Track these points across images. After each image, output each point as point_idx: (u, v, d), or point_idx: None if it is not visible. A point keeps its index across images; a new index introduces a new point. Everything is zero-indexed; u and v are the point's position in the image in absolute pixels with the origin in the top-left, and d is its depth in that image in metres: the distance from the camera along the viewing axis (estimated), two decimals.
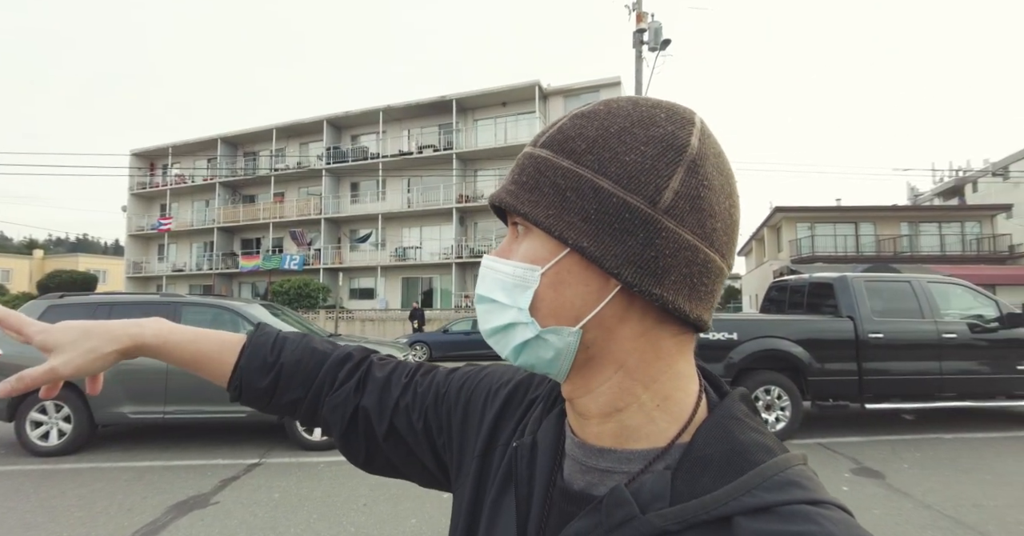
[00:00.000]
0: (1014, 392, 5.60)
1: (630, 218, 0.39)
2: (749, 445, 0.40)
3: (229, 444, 5.43)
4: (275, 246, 28.88)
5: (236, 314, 5.58)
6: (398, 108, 26.71)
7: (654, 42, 17.25)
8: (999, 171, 26.15)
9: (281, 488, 4.15)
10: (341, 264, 26.73)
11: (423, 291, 25.93)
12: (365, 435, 0.63)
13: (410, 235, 26.88)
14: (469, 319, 15.99)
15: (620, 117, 0.42)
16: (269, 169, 29.01)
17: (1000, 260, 23.48)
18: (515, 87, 24.42)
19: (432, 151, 25.74)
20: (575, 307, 0.41)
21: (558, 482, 0.47)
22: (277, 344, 0.66)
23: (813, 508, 0.36)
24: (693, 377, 0.45)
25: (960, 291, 5.93)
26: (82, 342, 0.58)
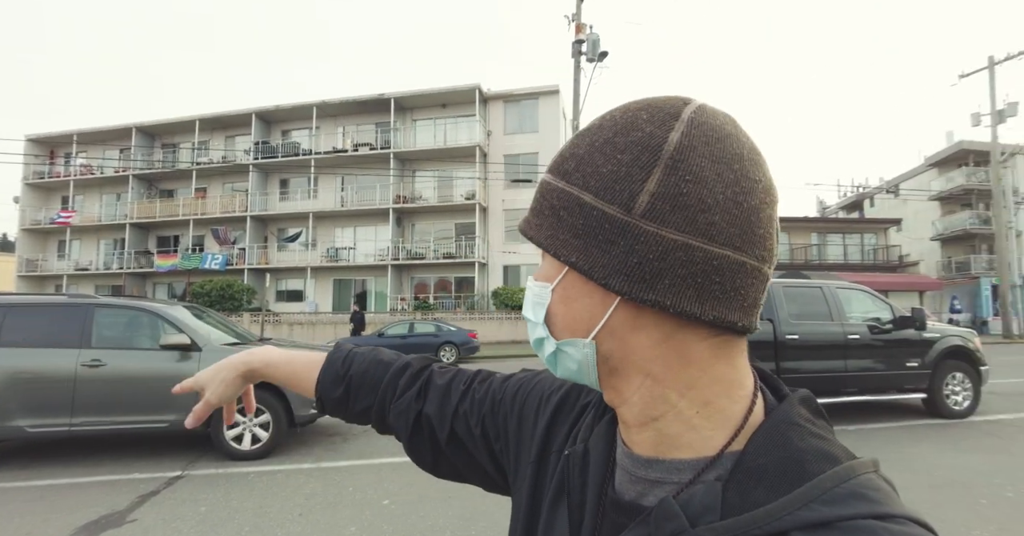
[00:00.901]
0: (904, 386, 6.25)
1: (610, 228, 0.39)
2: (808, 453, 0.38)
3: (147, 457, 5.05)
4: (195, 244, 27.06)
5: (157, 316, 5.20)
6: (333, 104, 25.87)
7: (592, 53, 17.83)
8: (891, 189, 29.05)
9: (208, 501, 3.91)
10: (268, 264, 25.46)
11: (356, 293, 25.20)
12: (430, 440, 0.67)
13: (343, 235, 26.06)
14: (405, 322, 15.74)
15: (606, 128, 0.42)
16: (191, 162, 27.20)
17: (892, 268, 26.09)
18: (456, 89, 24.34)
19: (369, 149, 25.12)
20: (584, 319, 0.42)
21: (609, 492, 0.46)
22: (348, 358, 0.73)
23: (879, 523, 0.32)
24: (740, 381, 0.42)
25: (861, 296, 6.54)
26: (216, 376, 0.74)
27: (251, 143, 26.41)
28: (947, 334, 6.47)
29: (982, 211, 26.82)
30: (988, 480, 4.24)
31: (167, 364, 4.91)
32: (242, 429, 4.97)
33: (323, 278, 25.46)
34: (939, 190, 28.69)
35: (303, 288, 25.42)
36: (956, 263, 27.63)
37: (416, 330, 15.05)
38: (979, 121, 22.49)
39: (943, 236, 28.42)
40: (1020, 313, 22.40)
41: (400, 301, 23.65)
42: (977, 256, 26.75)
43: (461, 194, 24.35)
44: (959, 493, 3.96)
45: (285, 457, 5.04)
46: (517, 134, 24.74)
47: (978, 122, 22.55)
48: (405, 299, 23.92)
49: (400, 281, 24.61)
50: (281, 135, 27.68)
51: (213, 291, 20.58)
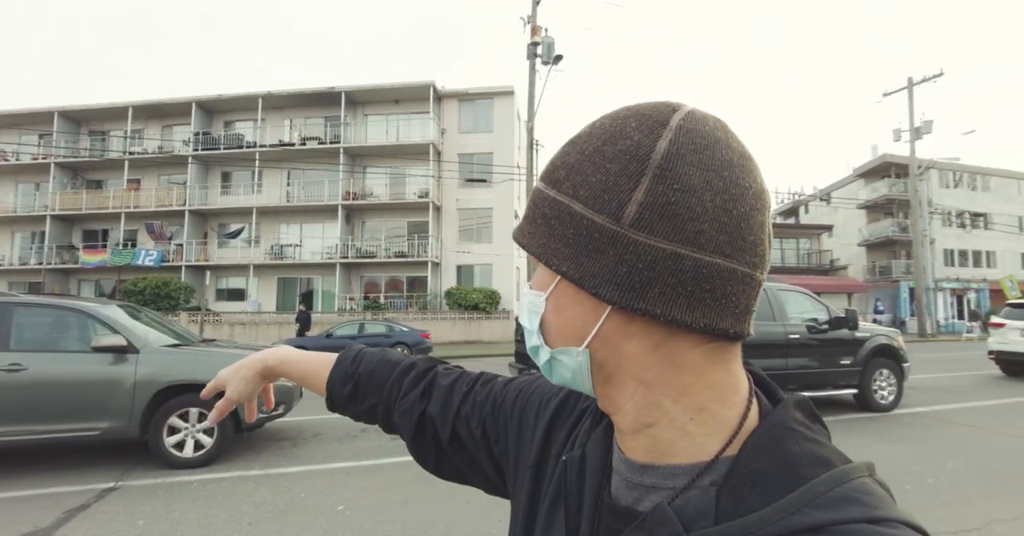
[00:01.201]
0: (839, 383, 6.66)
1: (599, 237, 0.40)
2: (802, 457, 0.38)
3: (76, 468, 4.68)
4: (127, 239, 25.39)
5: (87, 316, 4.83)
6: (280, 96, 24.93)
7: (547, 56, 18.02)
8: (824, 197, 30.92)
9: (146, 514, 3.67)
10: (207, 261, 24.24)
11: (302, 292, 24.39)
12: (433, 440, 0.68)
13: (289, 232, 25.15)
14: (355, 323, 15.37)
15: (595, 137, 0.42)
16: (123, 152, 25.48)
17: (824, 272, 27.80)
18: (409, 85, 23.98)
19: (317, 143, 24.35)
20: (576, 328, 0.43)
21: (605, 498, 0.46)
22: (358, 357, 0.76)
23: (872, 527, 0.32)
24: (735, 386, 0.43)
25: (800, 297, 6.92)
26: (236, 374, 0.77)
27: (190, 133, 25.04)
28: (876, 333, 6.95)
29: (902, 219, 29.01)
30: (910, 468, 4.59)
31: (100, 367, 4.57)
32: (184, 435, 4.70)
33: (267, 276, 24.48)
34: (865, 199, 30.83)
35: (245, 286, 24.34)
36: (879, 267, 29.78)
37: (367, 330, 14.72)
38: (899, 137, 24.32)
39: (868, 242, 30.56)
40: (933, 314, 24.38)
41: (349, 301, 23.07)
42: (897, 261, 28.94)
43: (414, 192, 24.01)
44: (889, 481, 4.23)
45: (231, 464, 4.80)
46: (472, 133, 24.65)
47: (899, 138, 24.37)
48: (354, 299, 23.35)
49: (349, 280, 24.00)
50: (224, 126, 26.40)
51: (147, 289, 19.36)
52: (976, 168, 31.39)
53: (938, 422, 6.28)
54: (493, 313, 21.51)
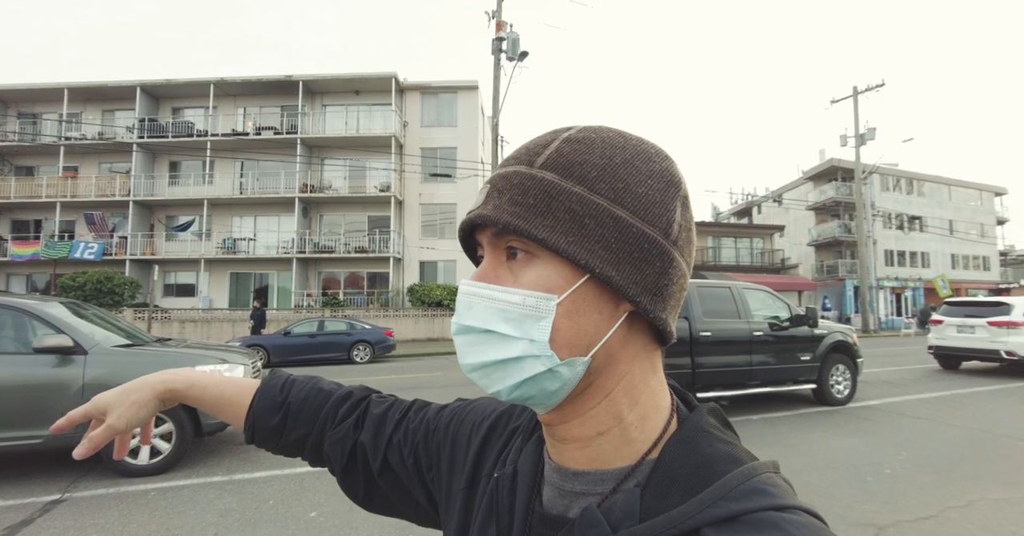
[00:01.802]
0: (798, 378, 6.92)
1: (649, 248, 0.41)
2: (716, 457, 0.41)
3: (13, 480, 4.30)
4: (64, 231, 23.77)
5: (26, 314, 4.45)
6: (234, 83, 23.85)
7: (512, 52, 17.95)
8: (776, 198, 32.20)
9: (99, 526, 3.41)
10: (154, 255, 22.99)
11: (256, 288, 23.46)
12: (363, 471, 0.65)
13: (242, 225, 24.14)
14: (314, 320, 14.91)
15: (618, 148, 0.43)
16: (58, 136, 23.78)
17: (776, 270, 28.96)
18: (371, 76, 23.40)
19: (273, 133, 23.45)
20: (587, 335, 0.41)
21: (536, 508, 0.47)
22: (287, 385, 0.70)
23: (779, 514, 0.36)
24: (665, 393, 0.46)
25: (762, 295, 7.15)
26: (125, 398, 0.65)
27: (135, 119, 23.63)
28: (833, 330, 7.26)
29: (847, 221, 30.55)
30: (868, 459, 4.80)
31: (42, 370, 4.21)
32: (138, 441, 4.39)
33: (218, 271, 23.44)
34: (814, 201, 32.29)
35: (196, 282, 23.24)
36: (827, 266, 31.28)
37: (327, 328, 14.28)
38: (846, 142, 25.55)
39: (817, 242, 32.04)
40: (876, 311, 25.81)
41: (306, 297, 22.38)
42: (843, 261, 30.47)
43: (375, 185, 23.49)
44: (848, 472, 4.44)
45: (190, 470, 4.53)
46: (435, 127, 24.31)
47: (845, 143, 25.60)
48: (312, 295, 22.67)
49: (306, 276, 23.28)
50: (172, 113, 25.06)
51: (88, 284, 18.12)
52: (912, 174, 33.41)
53: (889, 414, 6.62)
54: None
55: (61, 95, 24.00)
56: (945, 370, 10.73)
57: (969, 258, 34.66)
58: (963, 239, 34.08)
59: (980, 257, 35.29)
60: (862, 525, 3.39)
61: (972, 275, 34.47)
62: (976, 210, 36.02)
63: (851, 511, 3.61)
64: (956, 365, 10.87)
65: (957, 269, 33.76)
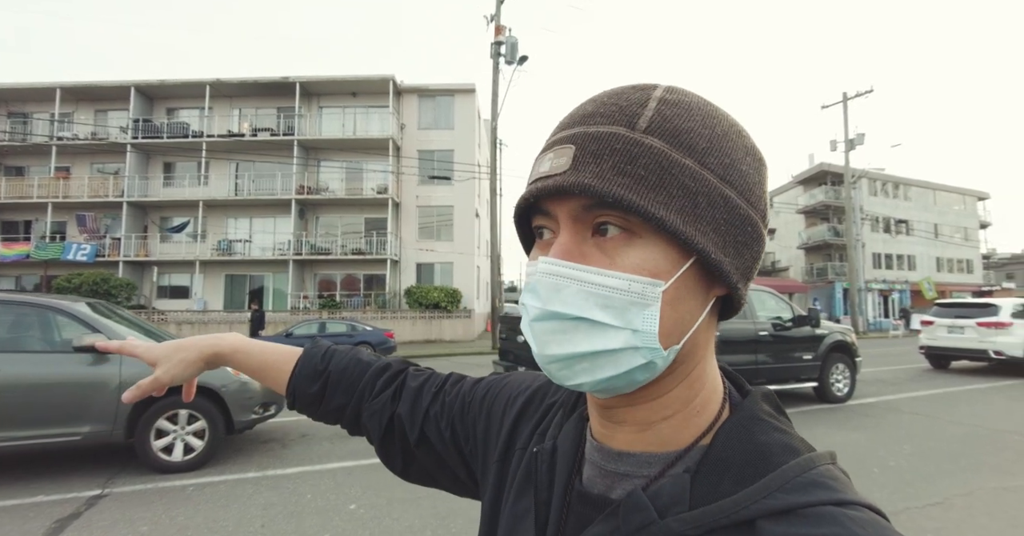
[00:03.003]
0: (800, 377, 7.16)
1: (751, 232, 0.40)
2: (771, 446, 0.39)
3: (51, 477, 4.38)
4: (55, 232, 23.51)
5: (61, 313, 4.54)
6: (230, 84, 23.78)
7: (511, 56, 18.14)
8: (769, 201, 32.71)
9: (147, 520, 3.52)
10: (148, 257, 22.84)
11: (251, 290, 23.41)
12: (401, 443, 0.66)
13: (238, 226, 24.05)
14: (315, 322, 14.97)
15: (715, 117, 0.40)
16: (50, 136, 23.55)
17: (767, 273, 29.42)
18: (368, 78, 23.46)
19: (269, 135, 23.41)
20: (684, 323, 0.39)
21: (576, 486, 0.46)
22: (327, 355, 0.71)
23: (839, 509, 0.34)
24: (719, 376, 0.45)
25: (765, 296, 7.38)
26: (175, 354, 0.69)
27: (129, 120, 23.46)
28: (833, 330, 7.51)
29: (836, 224, 31.12)
30: (873, 453, 5.03)
31: (81, 368, 4.31)
32: (172, 438, 4.50)
33: (213, 273, 23.32)
34: (804, 205, 32.84)
35: (190, 284, 23.09)
36: (817, 269, 31.83)
37: (328, 330, 14.36)
38: (835, 147, 26.06)
39: (807, 245, 32.59)
40: (865, 312, 26.33)
41: (303, 299, 22.34)
42: (833, 263, 31.02)
43: (371, 187, 23.53)
44: (855, 465, 4.67)
45: (222, 467, 4.64)
46: (432, 130, 24.42)
47: (835, 148, 26.12)
48: (308, 297, 22.63)
49: (302, 278, 23.24)
50: (166, 113, 24.91)
51: (84, 286, 17.98)
52: (899, 178, 34.12)
53: (888, 411, 6.88)
54: (454, 312, 21.43)
55: (53, 95, 23.75)
56: (936, 369, 11.08)
57: (953, 261, 35.46)
58: (947, 242, 34.86)
59: (964, 260, 36.11)
60: None
61: (956, 278, 35.26)
62: (960, 214, 36.86)
63: None
64: (946, 364, 11.22)
65: (942, 272, 34.53)
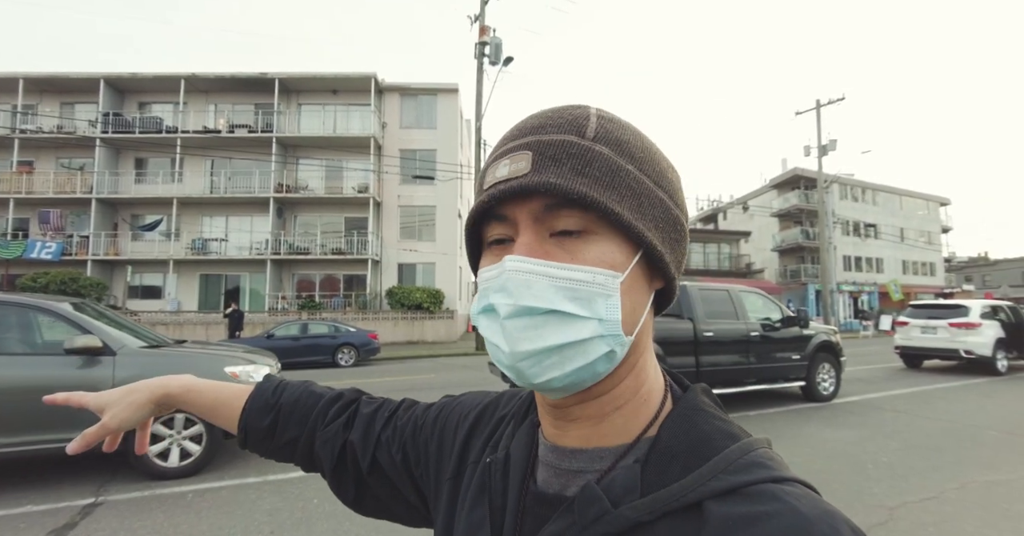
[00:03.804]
0: (789, 376, 7.34)
1: (680, 230, 0.45)
2: (713, 433, 0.42)
3: (35, 486, 4.19)
4: (17, 229, 22.53)
5: (53, 315, 4.35)
6: (205, 78, 23.16)
7: (495, 56, 18.11)
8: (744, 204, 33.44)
9: (149, 528, 3.40)
10: (119, 256, 22.07)
11: (227, 290, 22.85)
12: (353, 471, 0.65)
13: (213, 225, 23.43)
14: (297, 323, 14.68)
15: (639, 134, 0.46)
16: (12, 129, 22.57)
17: (743, 275, 30.04)
18: (349, 75, 23.14)
19: (247, 131, 22.88)
20: (636, 313, 0.42)
21: (531, 488, 0.47)
22: (279, 388, 0.71)
23: (777, 486, 0.37)
24: (660, 370, 0.48)
25: (755, 298, 7.54)
26: (123, 398, 0.68)
27: (98, 113, 22.65)
28: (819, 331, 7.71)
29: (809, 227, 31.99)
30: (863, 449, 5.18)
31: (70, 371, 4.13)
32: (169, 443, 4.36)
33: (187, 273, 22.68)
34: (778, 208, 33.67)
35: (163, 284, 22.41)
36: (790, 271, 32.67)
37: (310, 331, 14.08)
38: (809, 152, 26.78)
39: (781, 248, 33.43)
40: (837, 314, 27.10)
41: (281, 299, 21.90)
42: (806, 266, 31.88)
43: (352, 186, 23.23)
44: (849, 461, 4.80)
45: (220, 472, 4.51)
46: (414, 129, 24.22)
47: (808, 153, 26.83)
48: (286, 297, 22.20)
49: (280, 278, 22.78)
50: (138, 107, 24.14)
51: (51, 285, 17.26)
52: (868, 184, 35.29)
53: (871, 409, 7.10)
54: (437, 313, 21.28)
55: (16, 85, 22.75)
56: (909, 368, 11.48)
57: (918, 264, 36.83)
58: (912, 246, 36.20)
59: (927, 263, 37.54)
60: (874, 506, 3.72)
61: (920, 280, 36.64)
62: (924, 219, 38.32)
63: (861, 495, 3.94)
64: (919, 364, 11.64)
65: (907, 274, 35.83)
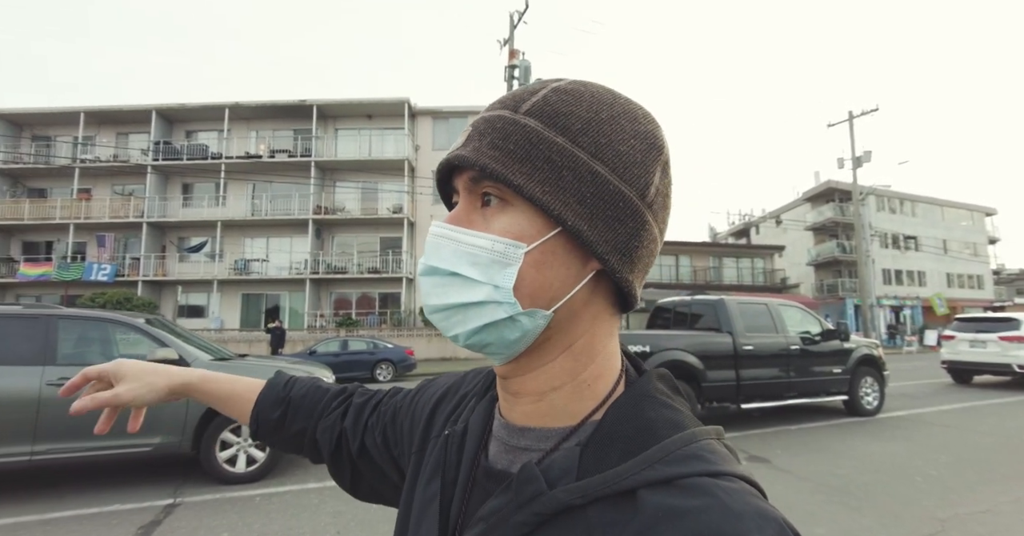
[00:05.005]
0: (831, 390, 7.27)
1: (623, 207, 0.41)
2: (658, 421, 0.41)
3: (119, 487, 4.54)
4: (76, 252, 23.92)
5: (134, 329, 4.76)
6: (248, 107, 24.40)
7: (524, 79, 18.58)
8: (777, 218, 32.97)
9: (226, 527, 3.67)
10: (166, 276, 23.16)
11: (267, 309, 23.64)
12: (347, 456, 0.67)
13: (254, 246, 24.42)
14: (335, 340, 15.14)
15: (606, 104, 0.43)
16: (72, 159, 24.13)
17: (778, 290, 29.46)
18: (383, 101, 24.06)
19: (287, 156, 23.93)
20: (552, 289, 0.41)
21: (482, 462, 0.48)
22: (289, 383, 0.74)
23: (712, 480, 0.36)
24: (618, 356, 0.47)
25: (794, 311, 7.54)
26: (144, 376, 0.69)
27: (149, 142, 24.06)
28: (860, 344, 7.64)
29: (845, 241, 31.27)
30: (911, 463, 5.13)
31: None
32: (236, 450, 4.67)
33: (230, 292, 23.60)
34: (812, 222, 33.05)
35: (206, 303, 23.37)
36: (827, 285, 31.88)
37: (350, 347, 14.51)
38: (843, 164, 26.35)
39: (816, 262, 32.70)
40: (877, 328, 26.28)
41: (319, 317, 22.55)
42: (843, 280, 31.07)
43: (387, 207, 23.93)
44: (897, 474, 4.78)
45: (283, 478, 4.79)
46: (446, 151, 24.69)
47: (842, 165, 26.41)
48: (324, 315, 22.85)
49: (318, 296, 23.48)
50: (185, 136, 25.53)
51: (108, 304, 18.28)
52: (906, 195, 34.36)
53: (919, 423, 6.97)
54: None
55: (77, 119, 24.43)
56: (959, 384, 11.12)
57: (964, 277, 35.44)
58: (956, 258, 34.90)
59: (974, 276, 36.09)
60: (925, 519, 3.72)
61: (967, 293, 35.20)
62: (968, 230, 36.97)
63: (911, 507, 3.94)
64: (968, 379, 11.26)
65: (953, 287, 34.50)
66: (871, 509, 3.90)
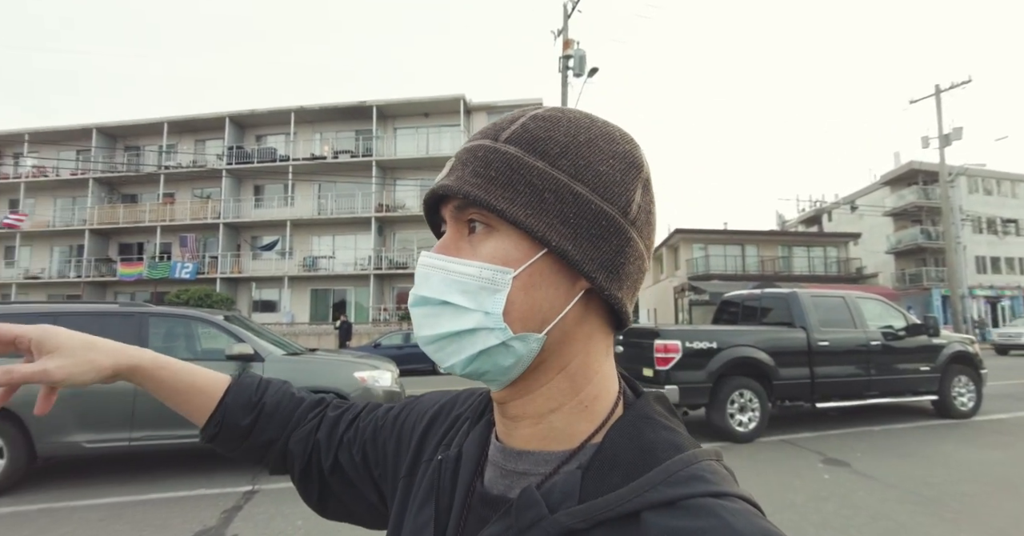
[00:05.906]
0: (918, 389, 6.73)
1: (607, 225, 0.42)
2: (658, 443, 0.41)
3: (201, 474, 4.88)
4: (163, 252, 25.92)
5: (212, 325, 5.08)
6: (311, 110, 25.46)
7: (579, 69, 18.26)
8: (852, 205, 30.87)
9: (300, 515, 3.85)
10: (240, 274, 24.67)
11: (334, 304, 24.72)
12: (317, 471, 0.64)
13: (321, 244, 25.56)
14: (398, 333, 15.60)
15: (583, 128, 0.44)
16: (157, 166, 26.11)
17: (853, 280, 27.61)
18: (439, 99, 24.42)
19: (349, 156, 24.83)
20: (543, 311, 0.42)
21: (478, 488, 0.47)
22: (261, 386, 0.67)
23: (715, 501, 0.36)
24: (615, 379, 0.47)
25: (874, 304, 7.02)
26: (84, 351, 0.56)
27: (223, 148, 25.63)
28: (952, 340, 7.01)
29: (930, 226, 28.84)
30: (1016, 472, 4.65)
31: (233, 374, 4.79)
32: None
33: (300, 288, 24.83)
34: (892, 207, 30.69)
35: (278, 298, 24.71)
36: (909, 275, 29.56)
37: (412, 340, 14.92)
38: (928, 144, 24.26)
39: (896, 250, 30.38)
40: (968, 321, 24.13)
41: (382, 311, 23.33)
42: (928, 268, 28.71)
43: None
44: (1000, 485, 4.34)
45: None
46: None
47: (927, 145, 24.31)
48: (387, 309, 23.61)
49: (382, 291, 24.28)
50: (256, 140, 27.00)
51: (191, 301, 19.80)
52: (1004, 174, 31.23)
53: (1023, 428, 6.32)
54: None
55: (160, 128, 26.39)
56: None
57: None
58: None
59: None
60: None
61: None
62: None
63: (1020, 523, 3.57)
64: None
65: None
66: (971, 523, 3.57)
